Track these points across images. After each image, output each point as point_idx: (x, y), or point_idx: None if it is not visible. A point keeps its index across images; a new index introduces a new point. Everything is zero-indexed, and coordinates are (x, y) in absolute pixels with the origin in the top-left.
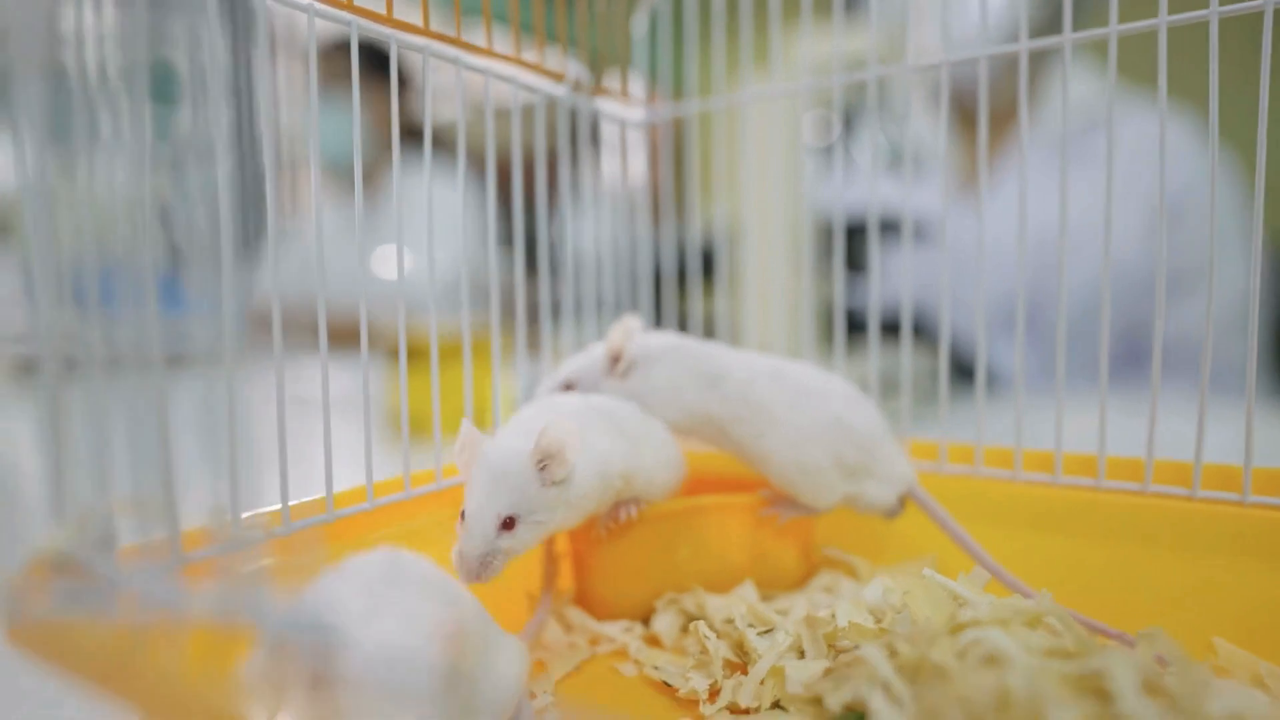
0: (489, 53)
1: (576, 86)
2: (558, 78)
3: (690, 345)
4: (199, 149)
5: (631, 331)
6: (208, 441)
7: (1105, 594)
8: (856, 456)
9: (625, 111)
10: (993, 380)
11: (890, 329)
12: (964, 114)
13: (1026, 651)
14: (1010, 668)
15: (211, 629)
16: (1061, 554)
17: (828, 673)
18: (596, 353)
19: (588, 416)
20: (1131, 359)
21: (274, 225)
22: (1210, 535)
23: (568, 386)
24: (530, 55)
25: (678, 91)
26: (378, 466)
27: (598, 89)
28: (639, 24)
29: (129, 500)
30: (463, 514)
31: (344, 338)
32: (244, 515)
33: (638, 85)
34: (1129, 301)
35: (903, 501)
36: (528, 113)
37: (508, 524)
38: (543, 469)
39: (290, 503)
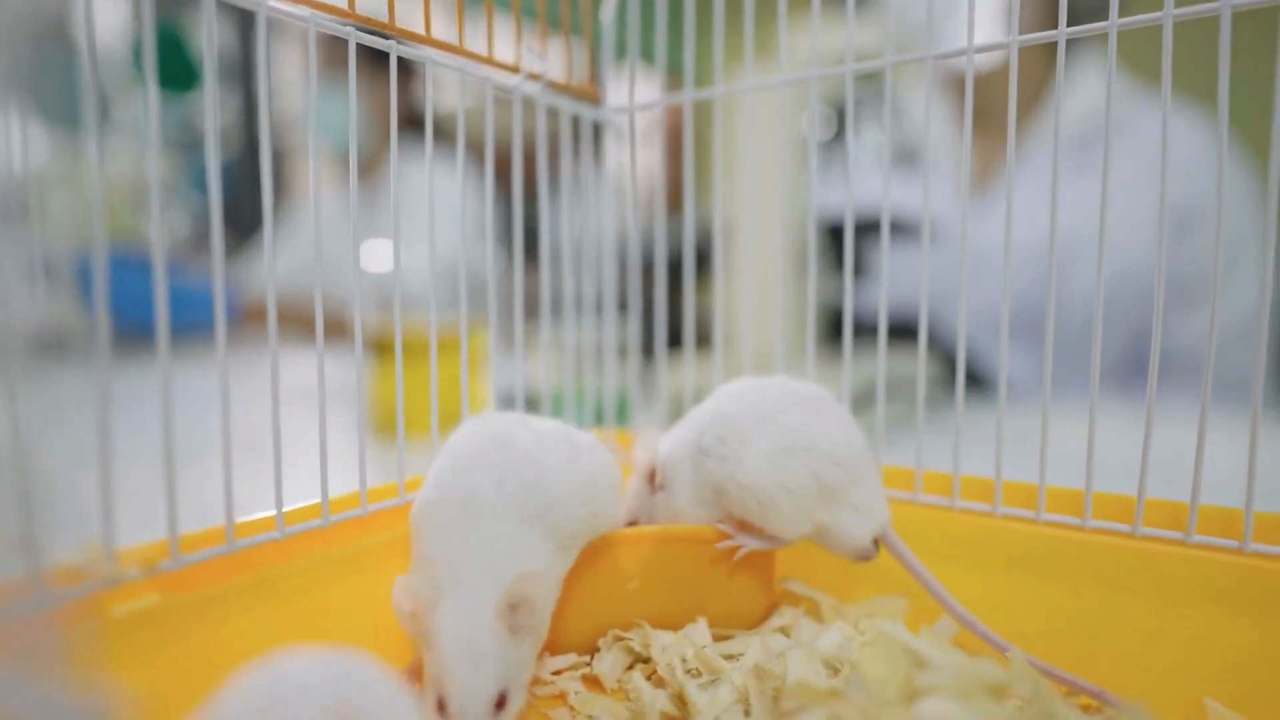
0: (490, 61)
1: (577, 92)
2: (566, 89)
3: (689, 433)
4: (201, 136)
5: (655, 446)
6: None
7: (1090, 643)
8: (835, 476)
9: (612, 113)
10: (990, 388)
11: (890, 333)
12: (975, 112)
13: None
14: None
15: None
16: (1043, 598)
17: None
18: (634, 486)
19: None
20: (1139, 368)
21: (269, 215)
22: (1206, 584)
23: (632, 522)
24: (530, 51)
25: (674, 82)
26: (337, 477)
27: (586, 89)
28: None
29: None
30: (439, 705)
31: (311, 330)
32: (118, 548)
33: (634, 80)
34: (1143, 308)
35: (877, 544)
36: (528, 105)
37: (500, 703)
38: (513, 623)
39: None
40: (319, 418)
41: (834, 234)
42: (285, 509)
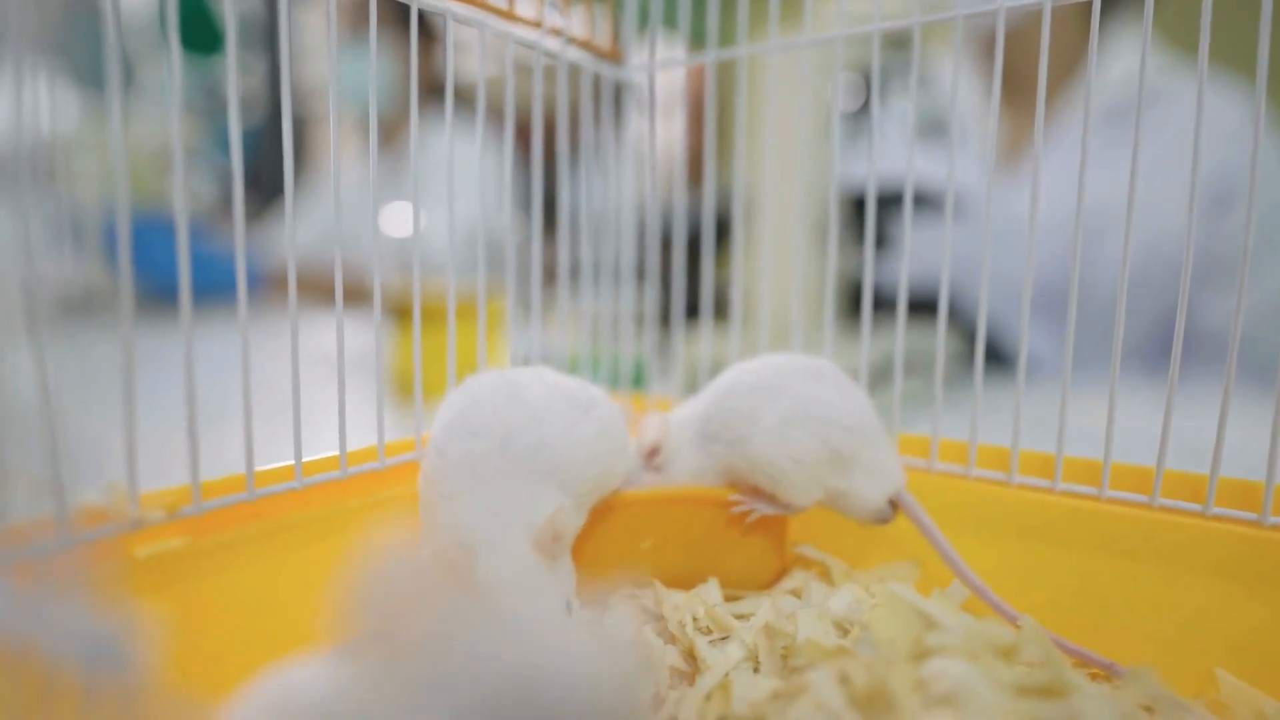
0: (510, 15)
1: (600, 53)
2: (588, 46)
3: (694, 417)
4: (224, 101)
5: (664, 424)
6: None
7: (1103, 614)
8: (844, 440)
9: (633, 71)
10: (1016, 366)
11: (912, 307)
12: (1005, 81)
13: (994, 689)
14: (970, 709)
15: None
16: (1057, 568)
17: (775, 696)
18: (633, 449)
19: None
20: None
21: (290, 178)
22: (1223, 557)
23: None
24: (553, 4)
25: (698, 49)
26: (355, 435)
27: (608, 49)
28: None
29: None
30: None
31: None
32: (143, 492)
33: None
34: (1176, 285)
35: (893, 506)
36: (550, 72)
37: None
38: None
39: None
40: (338, 369)
41: (858, 206)
42: (304, 460)
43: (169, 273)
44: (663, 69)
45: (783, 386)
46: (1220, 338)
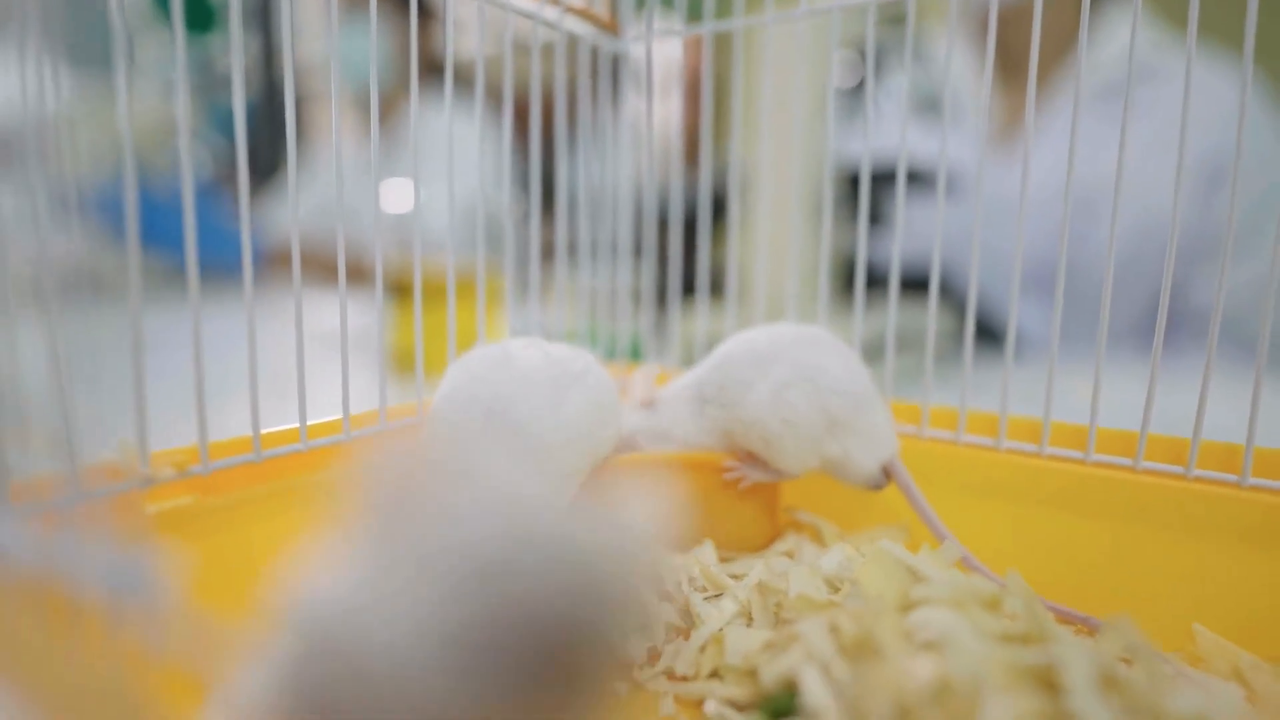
0: None
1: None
2: (585, 14)
3: (689, 380)
4: (219, 79)
5: (649, 374)
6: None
7: (1086, 575)
8: (838, 405)
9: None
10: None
11: (905, 284)
12: (1002, 58)
13: (977, 636)
14: (954, 653)
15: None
16: (1043, 530)
17: (768, 646)
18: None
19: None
20: (1168, 325)
21: (294, 153)
22: (1204, 518)
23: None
24: None
25: (694, 17)
26: (357, 402)
27: (606, 19)
28: None
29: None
30: None
31: (332, 272)
32: (153, 451)
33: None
34: (1163, 263)
35: (886, 473)
36: (547, 50)
37: None
38: None
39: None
40: (340, 333)
41: (854, 182)
42: (309, 423)
43: (164, 245)
44: (659, 40)
45: (779, 353)
46: (1210, 311)
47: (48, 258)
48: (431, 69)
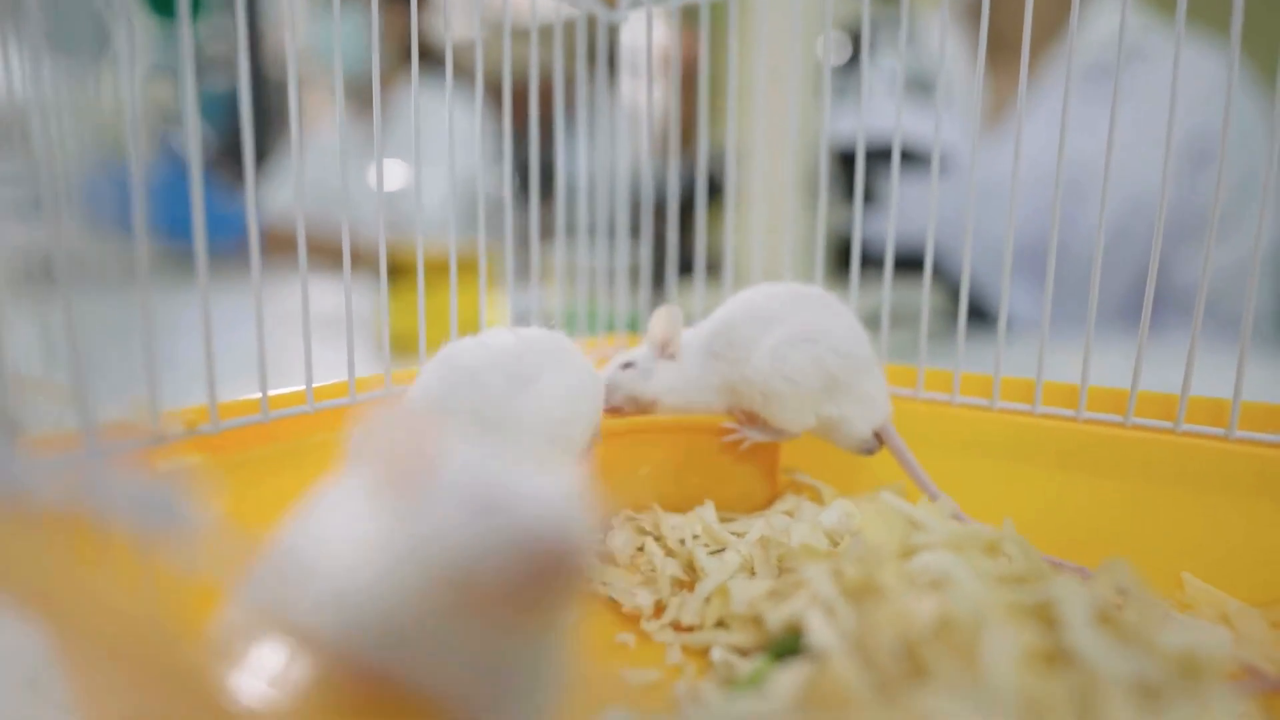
0: None
1: None
2: None
3: (701, 332)
4: (203, 64)
5: (675, 317)
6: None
7: (1078, 528)
8: (839, 366)
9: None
10: (994, 322)
11: (899, 264)
12: (991, 40)
13: (977, 577)
14: (955, 591)
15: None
16: (1036, 486)
17: (772, 593)
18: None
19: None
20: (1155, 304)
21: (297, 136)
22: (1193, 471)
23: (627, 365)
24: None
25: (688, 22)
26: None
27: None
28: None
29: (37, 385)
30: None
31: (330, 255)
32: (165, 410)
33: None
34: (1150, 243)
35: (878, 437)
36: (545, 33)
37: None
38: None
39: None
40: (345, 300)
41: (845, 161)
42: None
43: (153, 229)
44: (654, 15)
45: (784, 312)
46: (1193, 290)
47: (61, 242)
48: (422, 53)
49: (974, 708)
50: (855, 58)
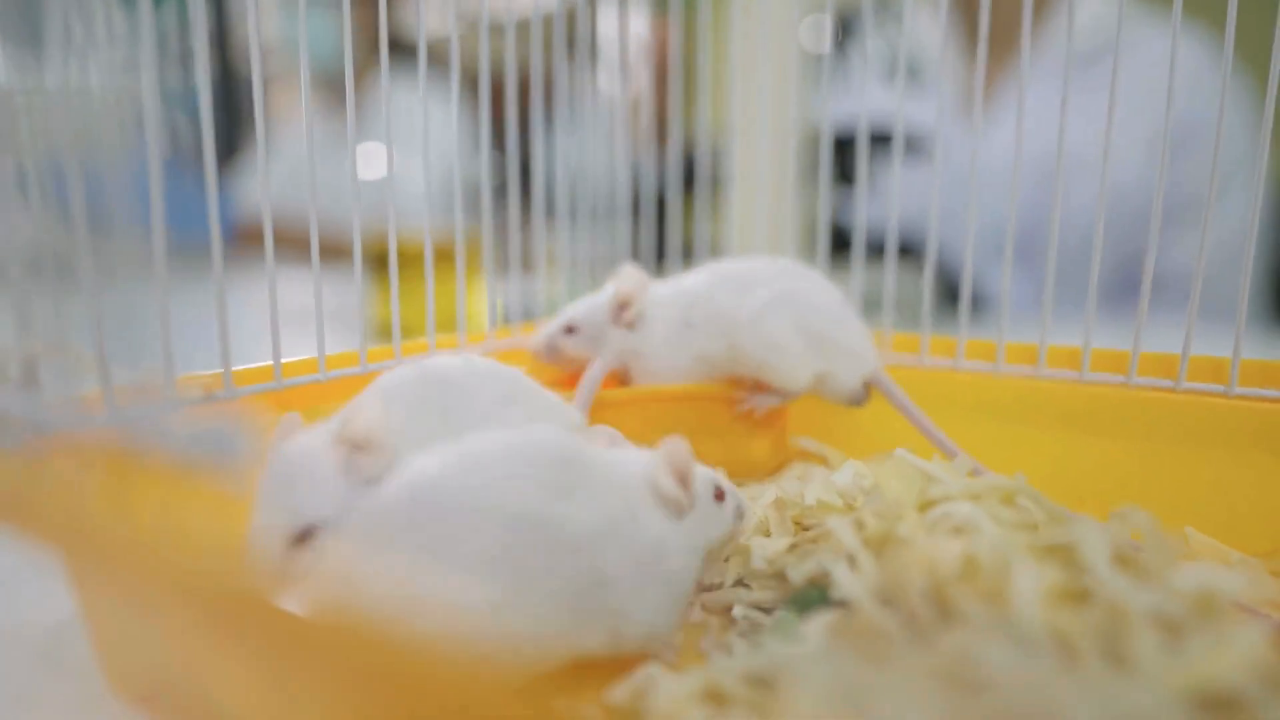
0: None
1: None
2: None
3: (677, 301)
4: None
5: (642, 281)
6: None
7: (1084, 487)
8: (817, 321)
9: None
10: (981, 305)
11: (879, 249)
12: (969, 28)
13: (996, 523)
14: (978, 536)
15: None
16: (1041, 447)
17: (792, 548)
18: (602, 298)
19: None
20: (1130, 289)
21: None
22: (1194, 427)
23: (570, 329)
24: None
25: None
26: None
27: None
28: None
29: (57, 349)
30: None
31: (299, 249)
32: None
33: None
34: (1136, 228)
35: (867, 388)
36: (523, 27)
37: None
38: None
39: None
40: (354, 270)
41: (842, 147)
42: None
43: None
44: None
45: (755, 281)
46: (1178, 278)
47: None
48: (398, 47)
49: (1006, 644)
50: (840, 41)
